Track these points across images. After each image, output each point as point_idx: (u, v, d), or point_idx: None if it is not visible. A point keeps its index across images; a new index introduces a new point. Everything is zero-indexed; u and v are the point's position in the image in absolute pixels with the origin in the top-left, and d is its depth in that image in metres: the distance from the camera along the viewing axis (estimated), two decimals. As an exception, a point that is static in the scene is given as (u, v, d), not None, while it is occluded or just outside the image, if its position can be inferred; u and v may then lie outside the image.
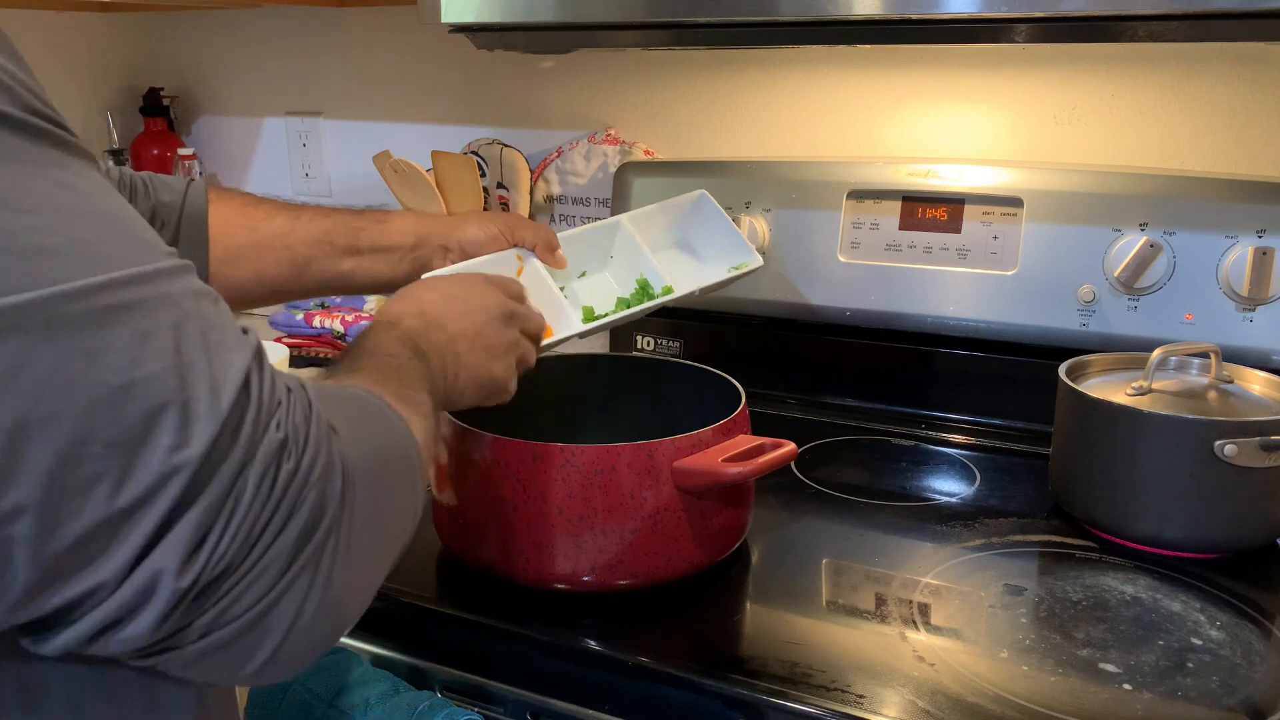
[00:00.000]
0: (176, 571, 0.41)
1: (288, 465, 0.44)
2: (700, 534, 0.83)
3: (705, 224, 1.07)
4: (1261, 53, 1.13)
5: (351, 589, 0.48)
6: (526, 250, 0.95)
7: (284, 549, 0.44)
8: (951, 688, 0.71)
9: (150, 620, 0.42)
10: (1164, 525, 0.90)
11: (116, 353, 0.40)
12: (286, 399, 0.46)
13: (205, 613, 0.43)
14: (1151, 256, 1.06)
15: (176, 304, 0.43)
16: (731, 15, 0.93)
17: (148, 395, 0.40)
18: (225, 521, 0.42)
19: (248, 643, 0.44)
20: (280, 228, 0.91)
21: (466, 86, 1.57)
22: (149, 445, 0.40)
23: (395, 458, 0.55)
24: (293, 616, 0.45)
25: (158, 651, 0.44)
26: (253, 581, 0.43)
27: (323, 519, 0.45)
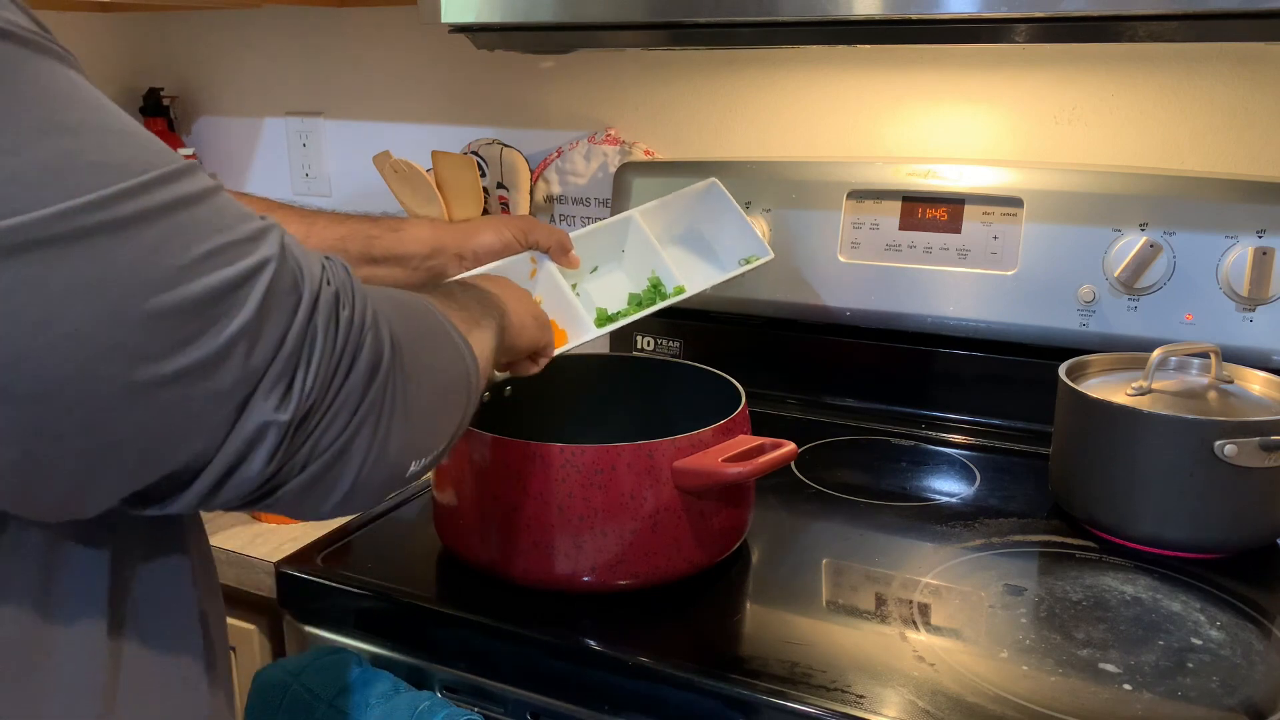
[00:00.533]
0: (276, 409, 0.46)
1: (344, 313, 0.50)
2: (700, 534, 0.83)
3: (716, 213, 1.06)
4: (1261, 53, 1.13)
5: (407, 436, 0.54)
6: (540, 253, 0.95)
7: (356, 386, 0.50)
8: (951, 688, 0.71)
9: (263, 458, 0.47)
10: (1164, 525, 0.90)
11: (171, 241, 0.43)
12: (326, 263, 0.51)
13: (303, 446, 0.48)
14: (1151, 256, 1.06)
15: (212, 193, 0.47)
16: (731, 15, 0.93)
17: (203, 274, 0.44)
18: (306, 364, 0.47)
19: (333, 475, 0.51)
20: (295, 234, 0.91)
21: (466, 86, 1.57)
22: (213, 315, 0.44)
23: (435, 335, 0.61)
24: (366, 449, 0.51)
25: (268, 493, 0.49)
26: (335, 415, 0.49)
27: (381, 362, 0.51)
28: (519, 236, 0.94)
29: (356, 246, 0.92)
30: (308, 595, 0.88)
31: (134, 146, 0.44)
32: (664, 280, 0.99)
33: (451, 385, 0.61)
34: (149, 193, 0.43)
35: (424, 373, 0.56)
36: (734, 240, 1.05)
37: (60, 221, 0.40)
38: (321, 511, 0.53)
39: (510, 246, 0.93)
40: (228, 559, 0.92)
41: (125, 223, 0.42)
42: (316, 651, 0.81)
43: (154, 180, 0.43)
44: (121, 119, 0.45)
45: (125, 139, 0.44)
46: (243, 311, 0.45)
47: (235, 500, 0.49)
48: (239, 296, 0.45)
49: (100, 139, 0.43)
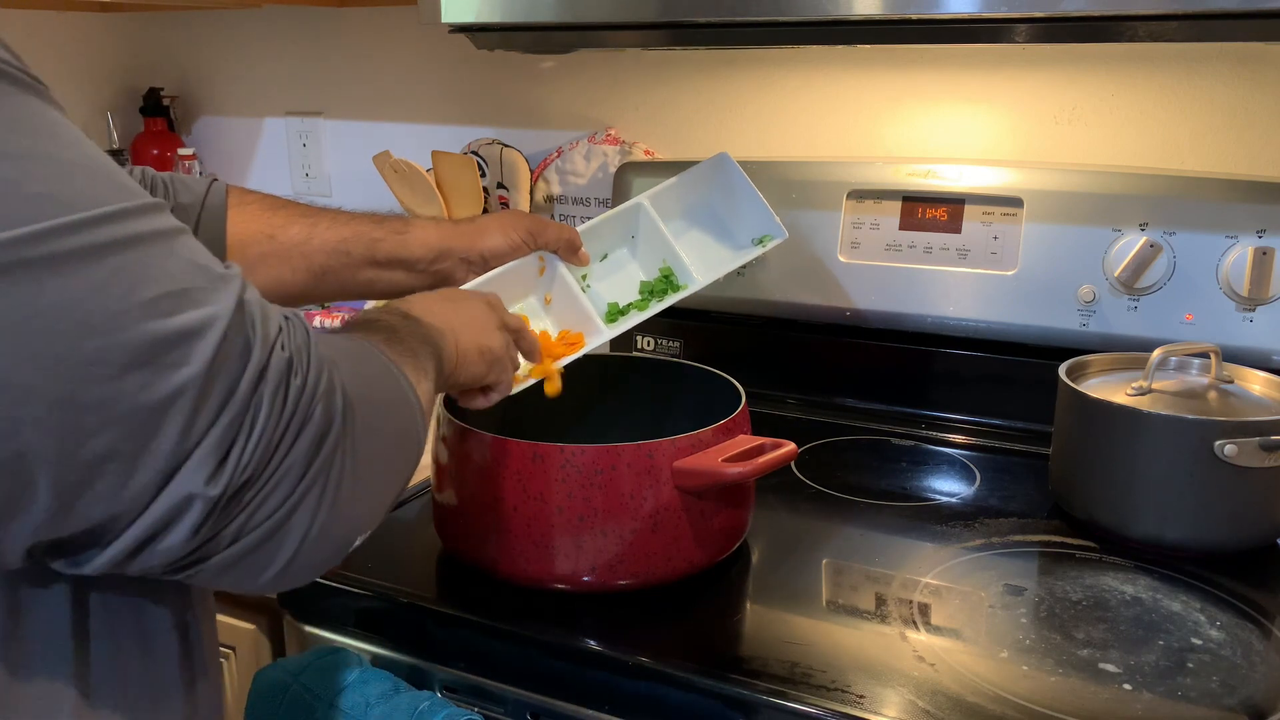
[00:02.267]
0: (206, 482, 0.44)
1: (295, 381, 0.47)
2: (700, 534, 0.83)
3: (728, 188, 1.03)
4: (1261, 53, 1.13)
5: (356, 506, 0.52)
6: (549, 253, 0.94)
7: (299, 457, 0.47)
8: (951, 688, 0.71)
9: (186, 530, 0.44)
10: (1164, 525, 0.90)
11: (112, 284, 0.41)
12: (285, 323, 0.49)
13: (233, 520, 0.46)
14: (1151, 256, 1.06)
15: (166, 236, 0.45)
16: (731, 15, 0.93)
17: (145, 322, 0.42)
18: (247, 434, 0.45)
19: (268, 549, 0.48)
20: (298, 236, 0.90)
21: (466, 86, 1.57)
22: (152, 368, 0.42)
23: (388, 391, 0.58)
24: (308, 523, 0.48)
25: (191, 564, 0.47)
26: (274, 488, 0.46)
27: (330, 431, 0.48)
28: (527, 239, 0.92)
29: (360, 249, 0.90)
30: (308, 595, 0.88)
31: (84, 180, 0.42)
32: (676, 270, 0.98)
33: (403, 447, 0.58)
34: (93, 230, 0.41)
35: (377, 437, 0.54)
36: (747, 217, 1.02)
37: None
38: (257, 585, 0.50)
39: (518, 249, 0.92)
40: (228, 559, 0.92)
41: (62, 259, 0.40)
42: (316, 651, 0.81)
43: (100, 217, 0.42)
44: (79, 151, 0.43)
45: (77, 172, 0.42)
46: (185, 369, 0.43)
47: (157, 568, 0.46)
48: (181, 352, 0.43)
49: (47, 170, 0.41)
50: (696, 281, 0.97)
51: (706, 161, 1.03)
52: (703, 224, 1.04)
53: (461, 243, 0.92)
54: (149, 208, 0.44)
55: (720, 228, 1.04)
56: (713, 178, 1.03)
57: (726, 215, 1.03)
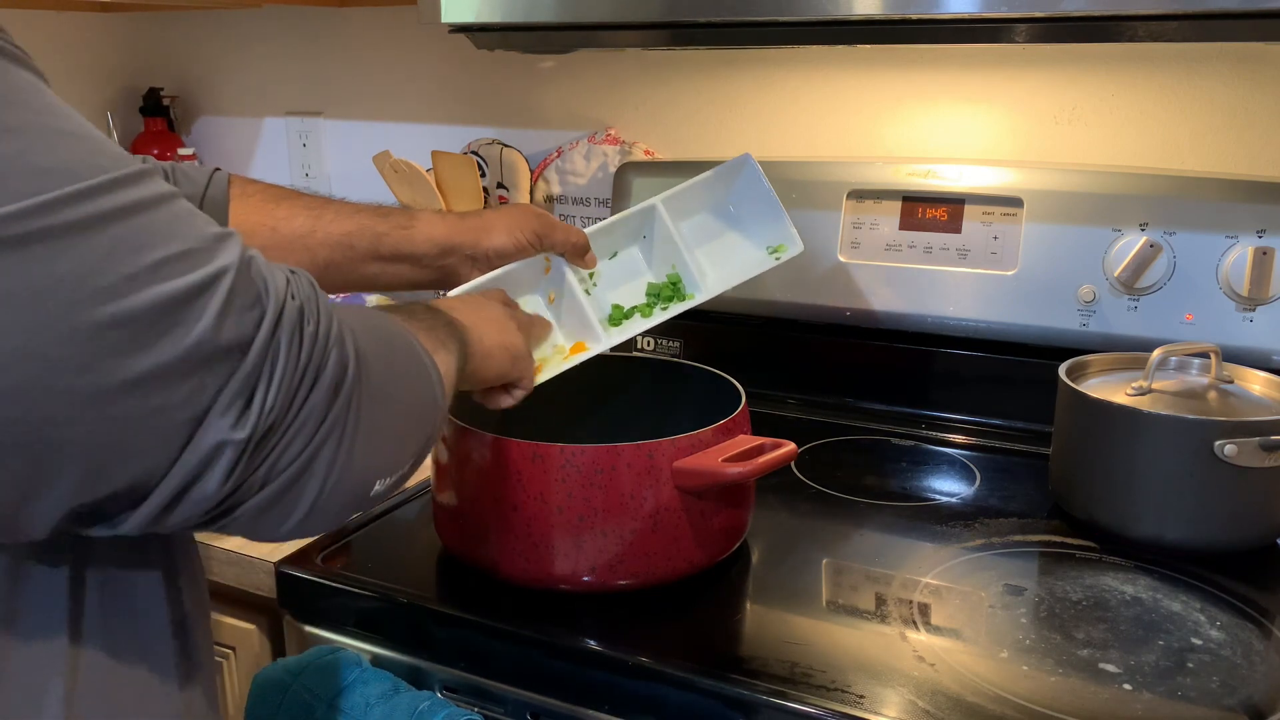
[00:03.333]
0: (233, 427, 0.45)
1: (309, 329, 0.48)
2: (700, 534, 0.83)
3: (747, 191, 1.00)
4: (1261, 53, 1.13)
5: (372, 454, 0.53)
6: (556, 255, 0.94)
7: (318, 402, 0.48)
8: (951, 688, 0.71)
9: (218, 477, 0.45)
10: (1164, 525, 0.90)
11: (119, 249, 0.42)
12: (291, 276, 0.50)
13: (261, 465, 0.47)
14: (1151, 256, 1.06)
15: (166, 200, 0.45)
16: (731, 15, 0.93)
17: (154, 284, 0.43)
18: (268, 379, 0.46)
19: (293, 494, 0.49)
20: (301, 229, 0.89)
21: (466, 86, 1.57)
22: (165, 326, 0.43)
23: (400, 348, 0.59)
24: (327, 468, 0.49)
25: (224, 512, 0.48)
26: (296, 433, 0.48)
27: (345, 378, 0.50)
28: (533, 241, 0.91)
29: (364, 243, 0.89)
30: (308, 595, 0.88)
31: (82, 150, 0.43)
32: (684, 278, 0.96)
33: (417, 403, 0.59)
34: (95, 198, 0.42)
35: (390, 390, 0.55)
36: (763, 224, 1.00)
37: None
38: (281, 532, 0.51)
39: (524, 250, 0.91)
40: (227, 558, 0.93)
41: (69, 229, 0.41)
42: (316, 651, 0.81)
43: (101, 185, 0.42)
44: (73, 121, 0.44)
45: (73, 141, 0.43)
46: (199, 324, 0.43)
47: (191, 520, 0.47)
48: (195, 308, 0.43)
49: (45, 141, 0.42)
50: (704, 292, 0.95)
51: (729, 162, 1.00)
52: (717, 228, 1.01)
53: (467, 239, 0.91)
54: (144, 173, 0.45)
55: (735, 233, 1.01)
56: (733, 179, 1.01)
57: (742, 220, 1.01)
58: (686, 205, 0.99)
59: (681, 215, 0.99)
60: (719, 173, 1.00)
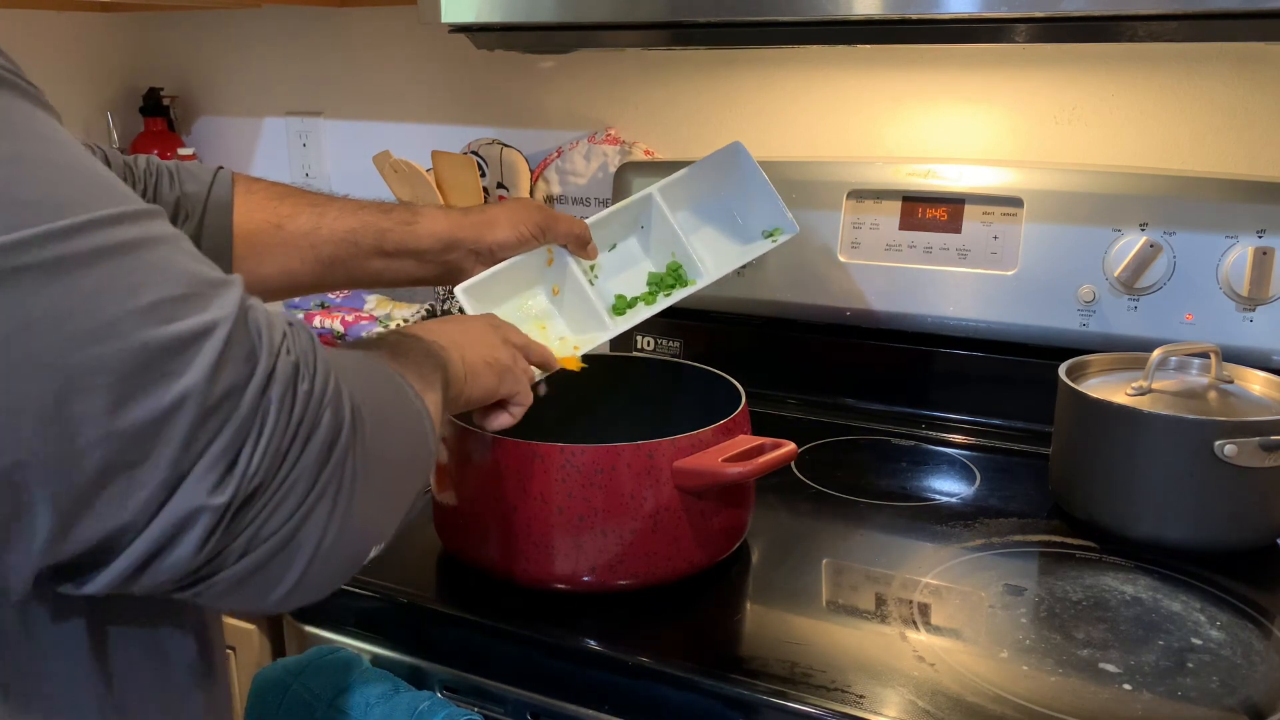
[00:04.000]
0: (211, 491, 0.42)
1: (303, 386, 0.45)
2: (700, 534, 0.83)
3: (740, 179, 1.01)
4: (1261, 53, 1.13)
5: (369, 516, 0.50)
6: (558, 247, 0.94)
7: (309, 465, 0.45)
8: (951, 688, 0.71)
9: (193, 544, 0.43)
10: (1164, 525, 0.90)
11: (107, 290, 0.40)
12: (289, 330, 0.47)
13: (242, 533, 0.44)
14: (1151, 256, 1.06)
15: (162, 241, 0.44)
16: (731, 15, 0.93)
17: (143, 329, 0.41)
18: (254, 440, 0.43)
19: (279, 564, 0.46)
20: (305, 225, 0.89)
21: (466, 86, 1.57)
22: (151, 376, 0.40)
23: (395, 399, 0.57)
24: (319, 535, 0.46)
25: (199, 580, 0.45)
26: (284, 498, 0.45)
27: (340, 438, 0.47)
28: (536, 234, 0.91)
29: (368, 239, 0.89)
30: (308, 595, 0.88)
31: (75, 184, 0.41)
32: (685, 265, 0.97)
33: (413, 457, 0.57)
34: (86, 235, 0.40)
35: (387, 446, 0.52)
36: (758, 210, 1.01)
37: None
38: (267, 604, 0.48)
39: (526, 243, 0.92)
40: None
41: (55, 266, 0.39)
42: (316, 651, 0.81)
43: (94, 222, 0.40)
44: (71, 154, 0.42)
45: (69, 175, 0.41)
46: (187, 376, 0.41)
47: (163, 585, 0.45)
48: (184, 359, 0.41)
49: (38, 173, 0.40)
50: (705, 277, 0.97)
51: (720, 151, 1.02)
52: (713, 215, 1.03)
53: (470, 234, 0.91)
54: (144, 213, 0.43)
55: (731, 220, 1.03)
56: (725, 168, 1.02)
57: (737, 207, 1.02)
58: (682, 193, 1.00)
59: (678, 204, 1.00)
60: (711, 161, 1.01)
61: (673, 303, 0.97)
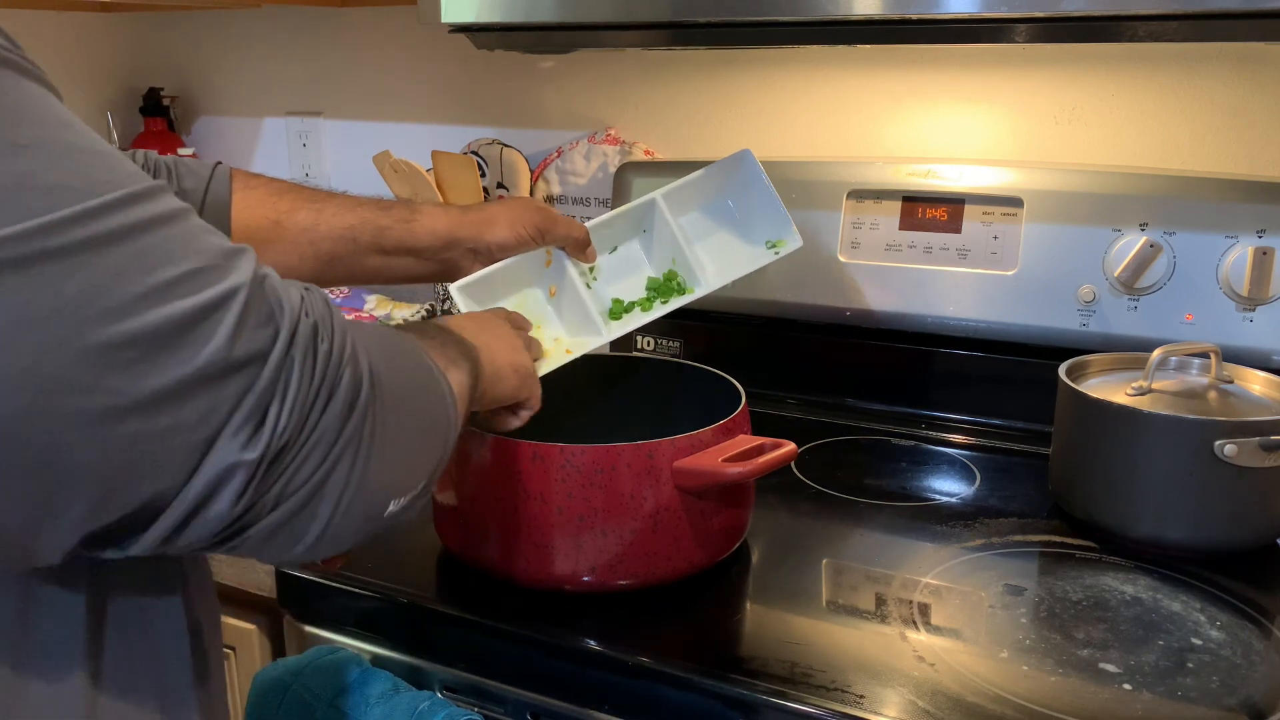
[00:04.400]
0: (244, 448, 0.44)
1: (323, 346, 0.48)
2: (700, 534, 0.83)
3: (746, 187, 1.01)
4: (1261, 53, 1.13)
5: (385, 474, 0.52)
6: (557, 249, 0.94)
7: (332, 421, 0.48)
8: (951, 688, 0.71)
9: (229, 498, 0.45)
10: (1164, 525, 0.90)
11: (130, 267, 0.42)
12: (305, 294, 0.49)
13: (274, 485, 0.46)
14: (1151, 256, 1.06)
15: (178, 216, 0.45)
16: (731, 15, 0.93)
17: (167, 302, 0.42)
18: (280, 399, 0.45)
19: (306, 515, 0.48)
20: (304, 222, 0.89)
21: (466, 86, 1.57)
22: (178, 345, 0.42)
23: (413, 366, 0.59)
24: (341, 487, 0.49)
25: (235, 533, 0.47)
26: (310, 453, 0.47)
27: (359, 397, 0.49)
28: (535, 235, 0.91)
29: (367, 237, 0.89)
30: (308, 595, 0.88)
31: (93, 166, 0.42)
32: (684, 273, 0.97)
33: (432, 421, 0.59)
34: (105, 216, 0.41)
35: (404, 408, 0.54)
36: (763, 219, 1.00)
37: (8, 247, 0.38)
38: (294, 554, 0.50)
39: (525, 244, 0.91)
40: (228, 559, 0.93)
41: (78, 248, 0.40)
42: (316, 651, 0.81)
43: (112, 203, 0.42)
44: (84, 137, 0.43)
45: (85, 158, 0.42)
46: (212, 342, 0.43)
47: (201, 541, 0.47)
48: (207, 326, 0.43)
49: (55, 158, 0.41)
50: (704, 285, 0.96)
51: (728, 158, 1.01)
52: (716, 223, 1.02)
53: (469, 233, 0.91)
54: (156, 190, 0.44)
55: (734, 228, 1.02)
56: (732, 175, 1.01)
57: (742, 215, 1.01)
58: (686, 200, 1.00)
59: (681, 210, 0.99)
60: (718, 168, 1.00)
61: (669, 311, 0.96)
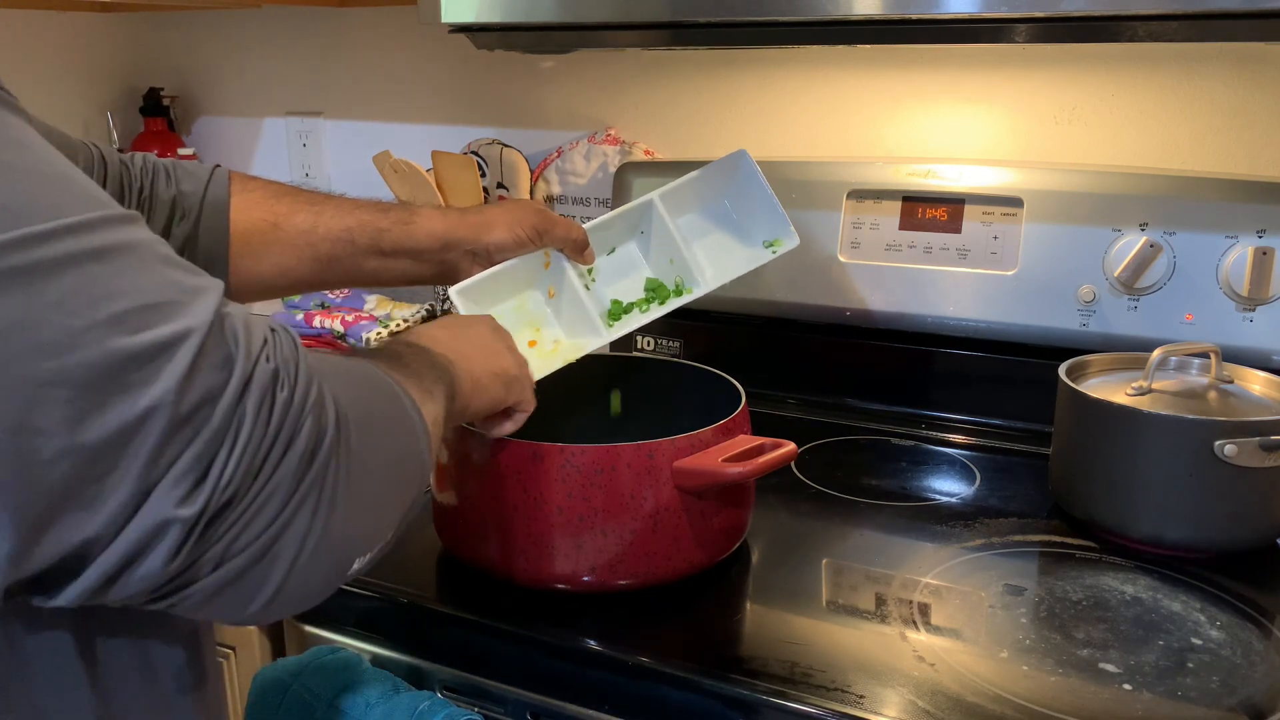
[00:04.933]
0: (180, 503, 0.41)
1: (282, 394, 0.44)
2: (700, 534, 0.83)
3: (743, 187, 1.00)
4: (1261, 53, 1.13)
5: (351, 527, 0.49)
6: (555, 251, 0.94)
7: (287, 474, 0.44)
8: (951, 688, 0.71)
9: (163, 555, 0.42)
10: (1164, 525, 0.90)
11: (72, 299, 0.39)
12: (271, 336, 0.46)
13: (216, 544, 0.43)
14: (1151, 256, 1.06)
15: (135, 248, 0.43)
16: (731, 15, 0.93)
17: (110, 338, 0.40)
18: (228, 450, 0.42)
19: (256, 575, 0.45)
20: (303, 224, 0.88)
21: (466, 86, 1.57)
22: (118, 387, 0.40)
23: (387, 407, 0.55)
24: (298, 546, 0.45)
25: (172, 591, 0.44)
26: (260, 508, 0.44)
27: (321, 446, 0.46)
28: (533, 237, 0.91)
29: (365, 239, 0.89)
30: (308, 595, 0.88)
31: (43, 190, 0.40)
32: (683, 273, 0.97)
33: (403, 468, 0.56)
34: (52, 242, 0.39)
35: (373, 456, 0.51)
36: (760, 219, 1.00)
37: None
38: (245, 615, 0.47)
39: (524, 246, 0.91)
40: (228, 559, 0.92)
41: (17, 275, 0.38)
42: (316, 651, 0.81)
43: (60, 229, 0.39)
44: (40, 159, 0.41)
45: (36, 181, 0.40)
46: (156, 385, 0.40)
47: (136, 597, 0.44)
48: (153, 368, 0.40)
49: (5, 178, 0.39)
50: (702, 286, 0.96)
51: (724, 158, 1.01)
52: (714, 223, 1.02)
53: (468, 235, 0.91)
54: (117, 219, 0.42)
55: (732, 228, 1.02)
56: (729, 175, 1.01)
57: (739, 215, 1.02)
58: (683, 200, 0.99)
59: (678, 210, 0.99)
60: (715, 168, 1.00)
61: (667, 311, 0.96)
